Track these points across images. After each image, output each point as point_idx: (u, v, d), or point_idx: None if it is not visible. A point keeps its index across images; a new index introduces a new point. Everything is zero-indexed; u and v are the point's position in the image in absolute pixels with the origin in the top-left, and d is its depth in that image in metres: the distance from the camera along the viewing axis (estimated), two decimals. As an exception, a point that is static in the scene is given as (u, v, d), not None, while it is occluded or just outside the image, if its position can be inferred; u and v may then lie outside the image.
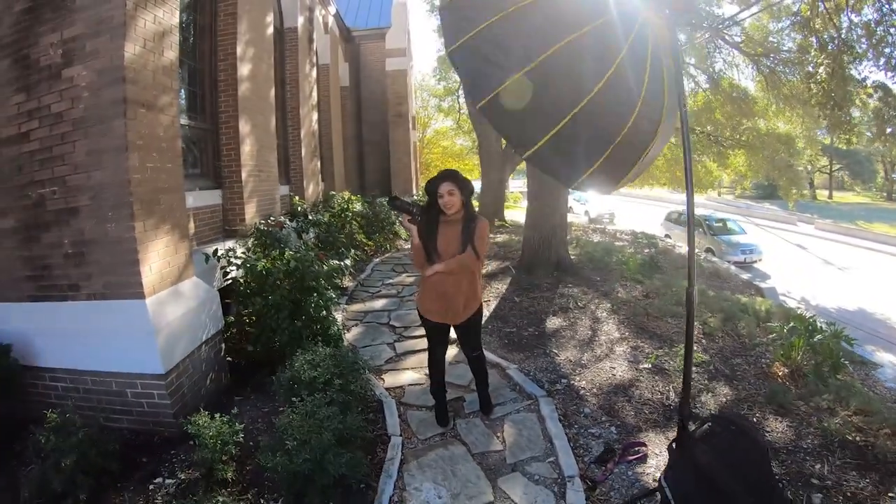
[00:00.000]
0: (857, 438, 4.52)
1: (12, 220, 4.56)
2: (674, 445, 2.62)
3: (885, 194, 51.64)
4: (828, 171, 56.21)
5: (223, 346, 5.38)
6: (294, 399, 3.97)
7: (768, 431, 4.65)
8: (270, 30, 9.53)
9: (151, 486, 3.78)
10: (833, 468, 4.17)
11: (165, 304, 4.50)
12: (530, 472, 4.05)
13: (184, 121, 6.77)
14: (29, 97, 4.38)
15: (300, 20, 11.86)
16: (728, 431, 2.60)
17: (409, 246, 4.42)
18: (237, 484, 3.74)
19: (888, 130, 12.55)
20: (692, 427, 2.66)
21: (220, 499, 3.17)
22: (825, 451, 4.37)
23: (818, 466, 4.18)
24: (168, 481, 3.81)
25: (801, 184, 20.48)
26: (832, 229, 32.50)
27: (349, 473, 3.55)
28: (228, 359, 5.51)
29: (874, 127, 12.36)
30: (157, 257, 4.51)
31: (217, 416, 3.88)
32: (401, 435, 4.52)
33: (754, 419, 4.81)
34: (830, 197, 54.53)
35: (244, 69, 8.07)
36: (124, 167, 4.17)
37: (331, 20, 15.76)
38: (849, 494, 3.84)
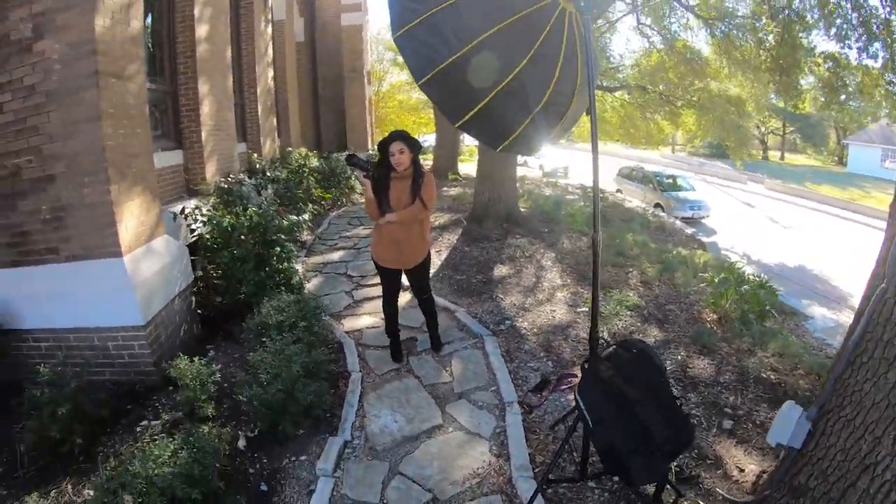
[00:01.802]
0: (772, 376, 5.07)
1: (-12, 190, 4.73)
2: (585, 365, 3.14)
3: (836, 158, 51.89)
4: (781, 134, 56.98)
5: (193, 298, 5.76)
6: (264, 340, 4.43)
7: (690, 368, 5.21)
8: (226, -12, 9.60)
9: (139, 429, 4.16)
10: (746, 400, 4.71)
11: (141, 261, 4.82)
12: (475, 400, 4.61)
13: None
14: (1, 71, 4.47)
15: (255, -23, 11.85)
16: (629, 353, 3.13)
17: (364, 200, 4.85)
18: (217, 419, 4.16)
19: (842, 97, 12.95)
20: (601, 350, 3.18)
21: (205, 428, 3.60)
22: (740, 386, 4.91)
23: (732, 398, 4.72)
24: (154, 423, 4.19)
25: (750, 145, 21.04)
26: (781, 189, 33.10)
27: (316, 402, 4.07)
28: (199, 311, 5.88)
29: (826, 94, 12.76)
30: (131, 217, 4.79)
31: (195, 359, 4.30)
32: (360, 371, 5.03)
33: (679, 357, 5.38)
34: (782, 158, 54.89)
35: (202, 30, 8.20)
36: (98, 135, 4.39)
37: (286, -26, 15.63)
38: (758, 423, 4.38)
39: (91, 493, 3.36)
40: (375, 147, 4.77)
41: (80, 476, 3.66)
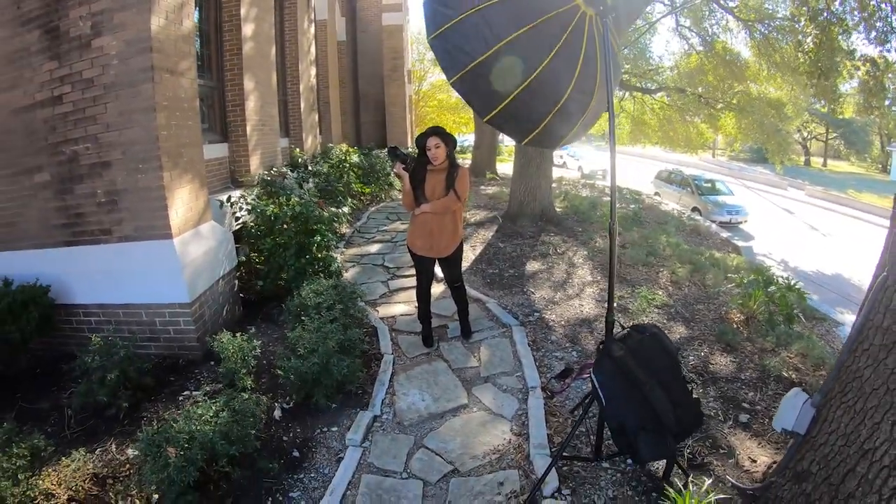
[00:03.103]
0: (793, 376, 5.13)
1: (47, 174, 5.09)
2: (600, 346, 3.32)
3: (879, 166, 50.38)
4: (823, 139, 55.61)
5: (236, 281, 6.09)
6: (303, 319, 4.72)
7: (712, 364, 5.30)
8: (272, -10, 9.96)
9: (181, 398, 4.48)
10: (764, 397, 4.78)
11: (189, 244, 5.14)
12: (500, 384, 4.83)
13: (194, 80, 7.32)
14: (61, 64, 4.84)
15: (299, -21, 12.21)
16: (641, 335, 3.31)
17: (402, 194, 5.12)
18: (255, 391, 4.39)
19: (886, 102, 12.71)
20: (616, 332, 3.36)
21: (245, 395, 3.85)
22: (760, 384, 4.98)
23: (751, 394, 4.81)
24: (195, 393, 4.50)
25: (790, 149, 20.65)
26: (822, 196, 32.25)
27: (349, 377, 4.34)
28: (241, 294, 6.22)
29: (865, 98, 12.54)
30: (181, 203, 5.12)
31: (237, 334, 4.59)
32: (392, 353, 5.30)
33: (702, 353, 5.48)
34: (825, 165, 53.45)
35: (248, 30, 8.57)
36: (153, 125, 4.72)
37: (329, -24, 15.99)
38: (773, 418, 4.49)
39: (134, 452, 3.69)
40: (415, 143, 5.05)
41: (123, 437, 3.99)
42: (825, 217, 26.42)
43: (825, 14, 11.25)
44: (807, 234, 22.09)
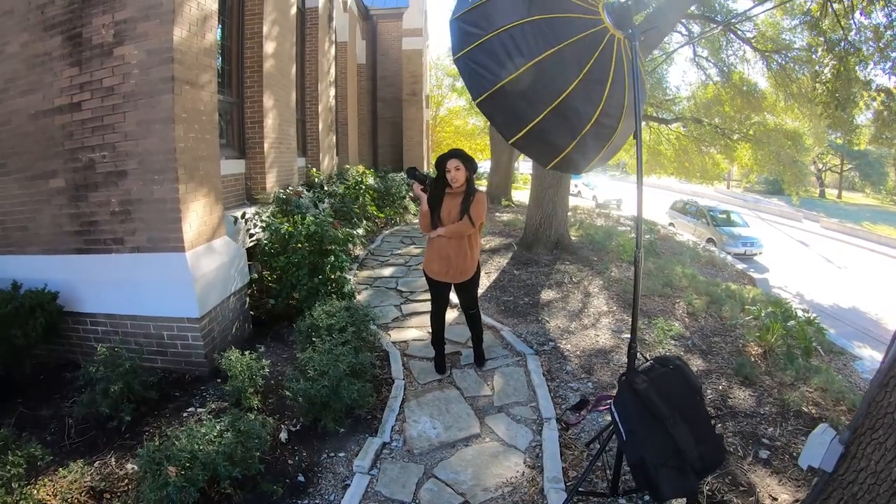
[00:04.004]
0: (813, 411, 5.00)
1: (62, 180, 5.07)
2: (622, 378, 3.20)
3: (894, 198, 50.35)
4: (838, 171, 55.62)
5: (247, 299, 6.00)
6: (314, 340, 4.63)
7: (731, 398, 5.16)
8: (294, 10, 10.08)
9: (185, 414, 4.38)
10: (784, 432, 4.64)
11: (201, 258, 5.08)
12: (513, 414, 4.70)
13: (214, 95, 7.33)
14: (81, 71, 4.84)
15: (321, 0, 12.35)
16: (665, 368, 3.18)
17: (417, 220, 5.03)
18: (262, 412, 4.31)
19: (889, 134, 12.67)
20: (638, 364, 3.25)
21: (251, 416, 3.76)
22: (780, 419, 4.84)
23: (771, 430, 4.67)
24: (200, 410, 4.40)
25: (806, 181, 20.57)
26: (837, 228, 32.36)
27: (359, 402, 4.22)
28: (251, 312, 6.12)
29: (878, 128, 12.47)
30: (196, 216, 5.08)
31: (246, 352, 4.50)
32: (403, 379, 5.18)
33: (720, 386, 5.35)
34: (839, 196, 53.46)
35: (269, 47, 8.60)
36: (171, 137, 4.69)
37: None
38: (795, 455, 4.30)
39: (133, 466, 3.59)
40: (432, 167, 4.98)
41: (123, 451, 3.89)
42: (840, 249, 26.39)
43: (842, 44, 11.24)
44: (822, 267, 21.95)
